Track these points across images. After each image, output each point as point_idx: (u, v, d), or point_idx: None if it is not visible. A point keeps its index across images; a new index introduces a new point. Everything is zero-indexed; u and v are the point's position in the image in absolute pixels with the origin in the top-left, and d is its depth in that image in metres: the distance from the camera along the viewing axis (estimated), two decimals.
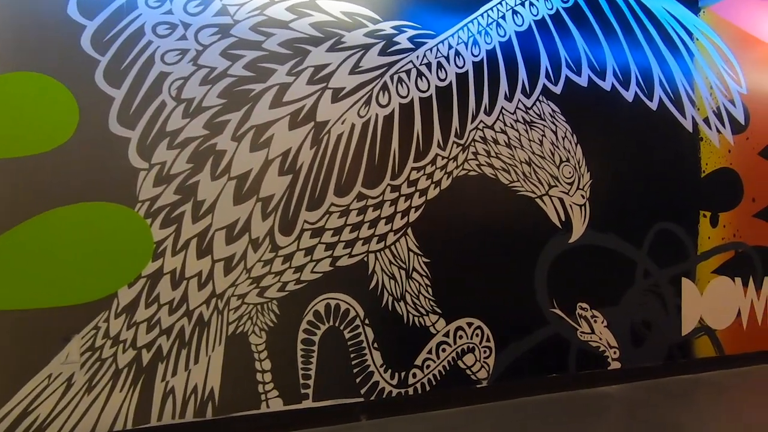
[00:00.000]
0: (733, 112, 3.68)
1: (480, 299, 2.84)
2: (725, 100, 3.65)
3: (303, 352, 2.46)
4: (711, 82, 3.59)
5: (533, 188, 2.99)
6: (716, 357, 3.56)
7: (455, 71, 2.81)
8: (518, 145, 2.96)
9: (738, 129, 3.70)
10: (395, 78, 2.66)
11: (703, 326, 3.53)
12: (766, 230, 3.79)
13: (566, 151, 3.09)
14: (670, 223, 3.41)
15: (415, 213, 2.70)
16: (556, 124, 3.06)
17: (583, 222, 3.13)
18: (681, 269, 3.45)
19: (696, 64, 3.54)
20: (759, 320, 3.75)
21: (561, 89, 3.09)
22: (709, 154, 3.58)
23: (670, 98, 3.43)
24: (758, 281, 3.75)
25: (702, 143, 3.55)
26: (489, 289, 2.87)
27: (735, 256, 3.66)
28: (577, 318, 3.10)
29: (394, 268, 2.64)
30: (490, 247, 2.88)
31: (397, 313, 2.64)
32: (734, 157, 3.68)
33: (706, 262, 3.54)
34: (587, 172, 3.15)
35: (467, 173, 2.83)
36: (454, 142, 2.79)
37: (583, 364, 3.11)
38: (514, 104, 2.95)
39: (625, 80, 3.29)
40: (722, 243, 3.61)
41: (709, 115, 3.58)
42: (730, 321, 3.64)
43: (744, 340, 3.68)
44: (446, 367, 2.75)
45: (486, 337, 2.85)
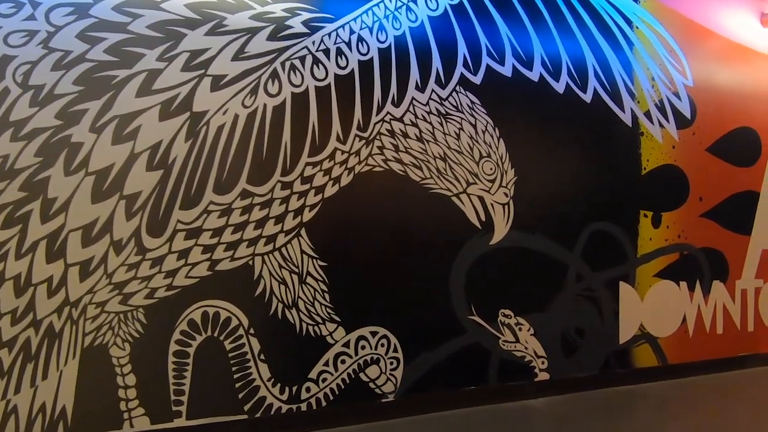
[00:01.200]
0: (678, 106, 3.46)
1: (386, 306, 2.62)
2: (669, 93, 3.43)
3: (175, 366, 2.23)
4: (653, 74, 3.37)
5: (449, 185, 2.77)
6: (658, 367, 3.34)
7: (358, 58, 2.59)
8: (431, 139, 2.74)
9: (683, 123, 3.48)
10: (287, 65, 2.44)
11: (644, 334, 3.30)
12: (715, 231, 3.57)
13: (487, 145, 2.87)
14: (606, 224, 3.19)
15: (310, 212, 2.48)
16: (475, 117, 2.84)
17: (506, 222, 2.90)
18: (618, 273, 3.22)
19: (636, 54, 3.32)
20: (707, 327, 3.52)
21: (481, 79, 2.87)
22: (650, 150, 3.35)
23: (607, 90, 3.21)
24: (706, 285, 3.52)
25: (643, 138, 3.33)
26: (396, 295, 2.65)
27: (680, 258, 3.43)
28: (499, 326, 2.88)
29: (285, 272, 2.42)
30: (399, 248, 2.65)
31: (289, 321, 2.42)
32: (679, 153, 3.45)
33: (647, 265, 3.32)
34: (511, 168, 2.93)
35: (372, 169, 2.61)
36: (356, 136, 2.57)
37: (507, 376, 2.89)
38: (426, 95, 2.73)
39: (555, 70, 3.07)
40: (665, 245, 3.38)
41: (650, 109, 3.36)
42: (675, 328, 3.41)
43: (690, 349, 3.45)
44: (346, 380, 2.52)
45: (393, 347, 2.63)
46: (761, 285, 3.75)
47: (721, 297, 3.58)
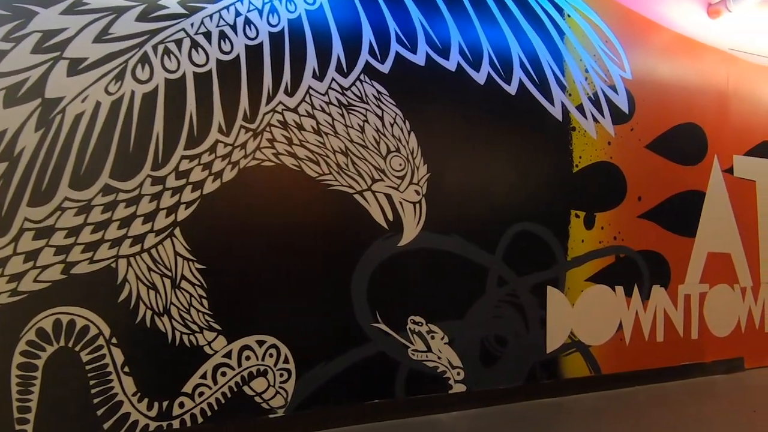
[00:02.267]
0: (614, 100, 3.26)
1: (275, 313, 2.40)
2: (605, 86, 3.23)
3: (20, 380, 2.01)
4: (586, 65, 3.17)
5: (351, 182, 2.56)
6: (590, 377, 3.13)
7: (245, 43, 2.37)
8: (331, 131, 2.53)
9: (621, 118, 3.28)
10: (160, 49, 2.23)
11: (575, 342, 3.09)
12: (656, 233, 3.37)
13: (396, 139, 2.66)
14: (532, 224, 2.98)
15: (186, 210, 2.26)
16: (382, 108, 2.63)
17: (417, 222, 2.69)
18: (546, 277, 3.02)
19: (567, 43, 3.12)
20: (645, 335, 3.32)
21: (389, 68, 2.66)
22: (583, 146, 3.15)
23: (534, 82, 3.01)
24: (645, 290, 3.32)
25: (574, 134, 3.13)
26: (287, 301, 2.43)
27: (616, 261, 3.23)
28: (408, 334, 2.66)
29: (155, 276, 2.20)
30: (291, 250, 2.44)
31: (159, 330, 2.20)
32: (615, 149, 3.25)
33: (579, 268, 3.11)
34: (424, 164, 2.72)
35: (260, 163, 2.39)
36: (242, 127, 2.36)
37: (417, 388, 2.67)
38: (325, 84, 2.52)
39: (475, 60, 2.86)
40: (600, 247, 3.18)
41: (583, 102, 3.15)
42: (609, 336, 3.20)
43: (626, 358, 3.24)
44: (227, 394, 2.30)
45: (283, 357, 2.41)
46: (707, 290, 3.55)
47: (662, 303, 3.38)
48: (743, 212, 3.72)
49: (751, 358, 3.72)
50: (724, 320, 3.62)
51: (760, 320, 3.77)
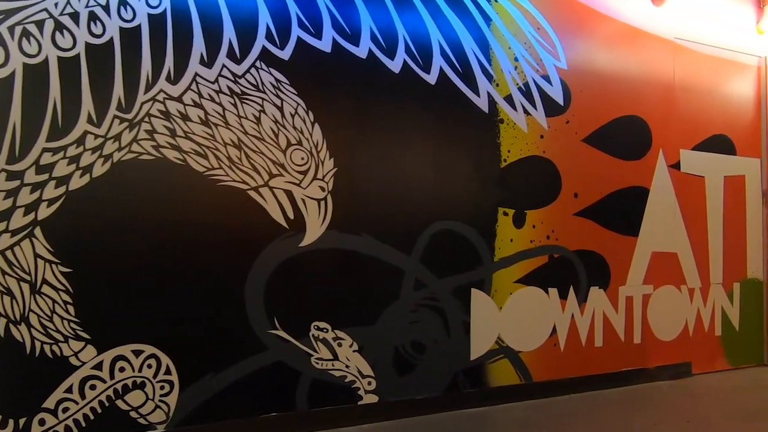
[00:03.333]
0: (548, 91, 3.07)
1: (154, 320, 2.20)
2: (537, 76, 3.04)
3: None
4: (516, 54, 2.98)
5: (245, 177, 2.36)
6: (520, 385, 2.95)
7: (119, 25, 2.17)
8: (221, 122, 2.33)
9: (555, 110, 3.09)
10: (17, 30, 2.02)
11: (503, 348, 2.91)
12: (594, 231, 3.18)
13: (297, 131, 2.47)
14: (454, 223, 2.79)
15: (48, 208, 2.05)
16: (281, 98, 2.44)
17: (322, 221, 2.50)
18: (470, 279, 2.83)
19: (494, 30, 2.93)
20: (582, 339, 3.14)
21: (290, 54, 2.46)
22: (512, 140, 2.97)
23: (457, 71, 2.82)
24: (581, 293, 3.14)
25: (502, 126, 2.94)
26: (169, 308, 2.23)
27: (549, 262, 3.04)
28: (311, 341, 2.47)
29: (11, 280, 2.00)
30: (173, 251, 2.24)
31: (15, 339, 1.99)
32: (549, 143, 3.07)
33: (508, 269, 2.93)
34: (330, 158, 2.53)
35: (137, 157, 2.19)
36: (116, 117, 2.16)
37: (321, 399, 2.48)
38: (215, 71, 2.33)
39: (389, 47, 2.67)
40: (531, 247, 2.99)
41: (513, 93, 2.97)
42: (542, 341, 3.02)
43: (560, 364, 3.06)
44: (97, 409, 2.10)
45: (165, 368, 2.21)
46: (650, 291, 3.37)
47: (600, 305, 3.20)
48: (691, 210, 3.54)
49: (699, 363, 3.54)
50: (670, 323, 3.44)
51: (709, 323, 3.60)
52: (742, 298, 3.74)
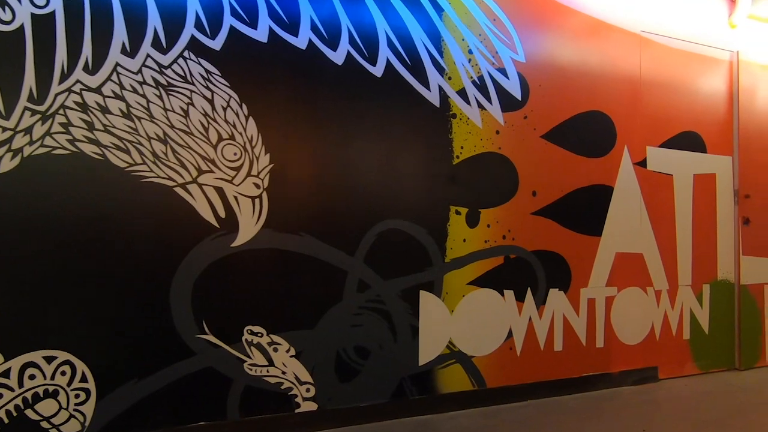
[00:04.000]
0: (504, 85, 2.95)
1: (68, 324, 2.08)
2: (492, 69, 2.92)
3: None
4: (470, 45, 2.86)
5: (171, 174, 2.24)
6: (473, 391, 2.83)
7: (30, 11, 2.05)
8: (145, 115, 2.21)
9: (512, 105, 2.97)
10: None
11: (454, 352, 2.79)
12: (553, 231, 3.06)
13: (230, 125, 2.34)
14: (402, 222, 2.67)
15: None
16: (212, 90, 2.31)
17: (256, 219, 2.38)
18: (419, 280, 2.71)
19: (446, 21, 2.80)
20: (541, 343, 3.02)
21: (222, 44, 2.34)
22: (466, 136, 2.84)
23: (405, 63, 2.69)
24: (540, 295, 3.02)
25: (455, 121, 2.82)
26: (85, 311, 2.10)
27: (505, 263, 2.92)
28: (244, 346, 2.35)
29: None
30: (90, 251, 2.11)
31: None
32: (505, 139, 2.95)
33: (460, 271, 2.81)
34: (266, 154, 2.40)
35: (51, 151, 2.07)
36: (26, 109, 2.03)
37: (255, 408, 2.36)
38: (138, 60, 2.20)
39: (331, 37, 2.55)
40: (485, 247, 2.87)
41: (466, 87, 2.85)
42: (497, 345, 2.90)
43: (517, 369, 2.94)
44: (4, 419, 1.98)
45: (80, 375, 2.09)
46: (614, 293, 3.25)
47: (560, 308, 3.08)
48: (658, 209, 3.42)
49: (666, 367, 3.42)
50: (636, 327, 3.32)
51: (677, 326, 3.48)
52: (712, 300, 3.62)
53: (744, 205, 3.72)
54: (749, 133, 3.76)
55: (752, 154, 3.77)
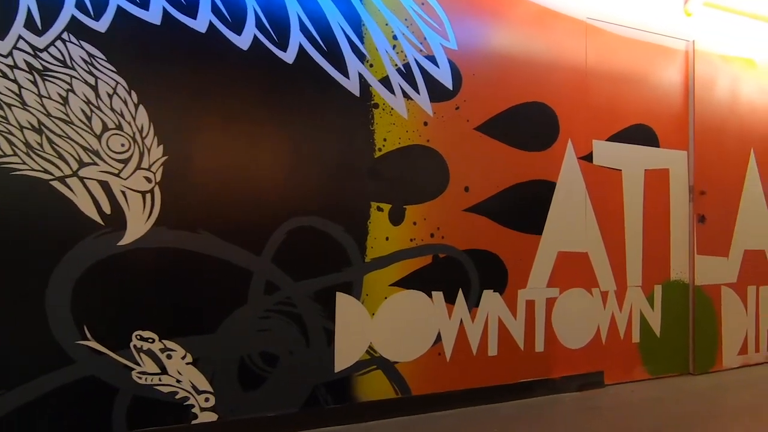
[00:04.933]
0: (433, 73, 2.77)
1: None
2: (420, 57, 2.74)
3: None
4: (394, 31, 2.68)
5: (47, 166, 2.06)
6: (396, 399, 2.66)
7: None
8: (17, 102, 2.03)
9: (442, 95, 2.79)
10: None
11: (375, 358, 2.61)
12: (488, 229, 2.89)
13: (116, 114, 2.16)
14: (316, 219, 2.49)
15: None
16: (96, 76, 2.13)
17: (147, 216, 2.20)
18: (335, 281, 2.53)
19: (367, 4, 2.62)
20: (474, 348, 2.85)
21: (107, 26, 2.16)
22: (389, 127, 2.67)
23: (320, 49, 2.52)
24: (473, 297, 2.85)
25: (377, 112, 2.64)
26: None
27: (434, 263, 2.75)
28: (133, 353, 2.17)
29: None
30: None
31: None
32: (434, 131, 2.77)
33: (382, 271, 2.63)
34: (158, 145, 2.23)
35: None
36: None
37: (144, 419, 2.18)
38: (9, 43, 2.02)
39: (235, 20, 2.37)
40: (411, 246, 2.70)
41: (390, 75, 2.67)
42: (423, 350, 2.73)
43: (445, 376, 2.77)
44: None
45: None
46: (556, 295, 3.08)
47: (496, 310, 2.91)
48: (606, 206, 3.25)
49: (612, 372, 3.26)
50: (579, 330, 3.15)
51: (626, 329, 3.31)
52: (665, 301, 3.45)
53: (699, 202, 3.56)
54: (705, 126, 3.59)
55: (709, 148, 3.60)
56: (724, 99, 3.68)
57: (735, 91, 3.74)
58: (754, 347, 3.79)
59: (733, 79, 3.73)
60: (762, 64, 3.86)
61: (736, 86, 3.74)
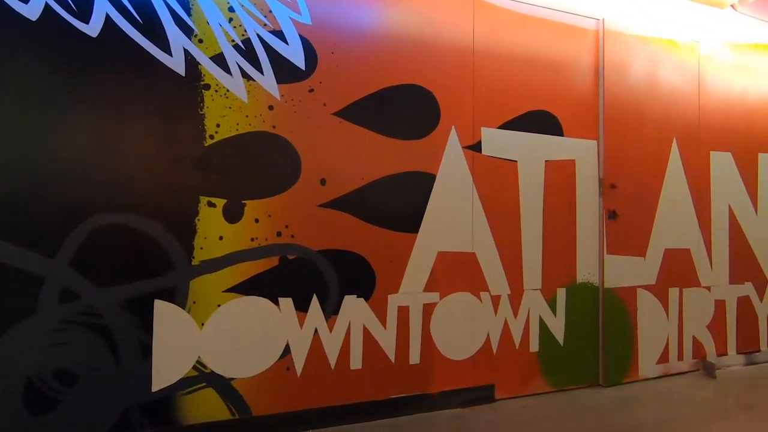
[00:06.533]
0: (281, 51, 2.45)
1: None
2: (264, 32, 2.42)
3: None
4: (230, 2, 2.36)
5: None
6: (232, 421, 2.33)
7: None
8: None
9: (292, 76, 2.47)
10: None
11: (206, 374, 2.29)
12: (350, 227, 2.57)
13: None
14: (127, 216, 2.17)
15: None
16: None
17: None
18: (152, 287, 2.21)
19: None
20: (331, 361, 2.53)
21: None
22: (224, 111, 2.35)
23: (134, 21, 2.19)
24: (331, 303, 2.53)
25: (208, 94, 2.32)
26: None
27: (281, 265, 2.43)
28: None
29: None
30: None
31: None
32: (282, 116, 2.45)
33: (214, 275, 2.31)
34: None
35: None
36: None
37: None
38: None
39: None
40: (252, 246, 2.38)
41: (225, 52, 2.35)
42: (267, 364, 2.41)
43: (295, 393, 2.45)
44: None
45: None
46: (436, 300, 2.76)
47: (360, 318, 2.59)
48: (497, 200, 2.93)
49: (506, 385, 2.94)
50: (465, 339, 2.83)
51: (522, 337, 2.99)
52: (570, 306, 3.13)
53: (610, 196, 3.24)
54: (618, 113, 3.27)
55: (621, 137, 3.28)
56: (641, 84, 3.36)
57: (654, 75, 3.42)
58: (676, 355, 3.47)
59: (652, 61, 3.41)
60: (686, 46, 3.54)
61: (656, 70, 3.42)
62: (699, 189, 3.58)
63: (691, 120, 3.56)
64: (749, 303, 3.79)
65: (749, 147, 3.82)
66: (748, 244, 3.78)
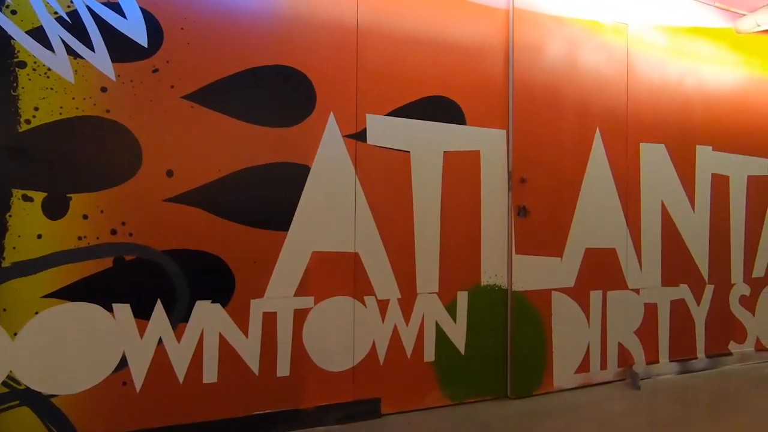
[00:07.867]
0: (117, 25, 2.18)
1: None
2: (95, 3, 2.15)
3: None
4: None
5: None
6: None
7: None
8: None
9: (132, 54, 2.20)
10: None
11: (19, 391, 2.02)
12: (204, 224, 2.30)
13: None
14: None
15: None
16: None
17: None
18: None
19: None
20: (180, 374, 2.25)
21: None
22: (44, 93, 2.07)
23: None
24: (179, 310, 2.25)
25: (23, 72, 2.04)
26: None
27: (116, 267, 2.16)
28: None
29: None
30: None
31: None
32: (119, 99, 2.17)
33: (30, 279, 2.04)
34: None
35: None
36: None
37: None
38: None
39: None
40: (80, 245, 2.10)
41: (46, 26, 2.07)
42: (98, 378, 2.14)
43: (133, 410, 2.18)
44: None
45: None
46: (310, 305, 2.49)
47: (215, 326, 2.32)
48: (385, 195, 2.66)
49: (395, 398, 2.66)
50: (345, 348, 2.56)
51: (414, 346, 2.72)
52: (472, 311, 2.86)
53: (520, 191, 2.96)
54: (529, 101, 2.99)
55: (532, 126, 3.00)
56: (558, 68, 3.08)
57: (574, 60, 3.14)
58: (599, 364, 3.19)
59: (572, 44, 3.13)
60: (613, 27, 3.27)
61: (577, 53, 3.14)
62: (627, 184, 3.30)
63: (618, 108, 3.28)
64: (685, 306, 3.52)
65: (686, 138, 3.55)
66: (684, 243, 3.51)
